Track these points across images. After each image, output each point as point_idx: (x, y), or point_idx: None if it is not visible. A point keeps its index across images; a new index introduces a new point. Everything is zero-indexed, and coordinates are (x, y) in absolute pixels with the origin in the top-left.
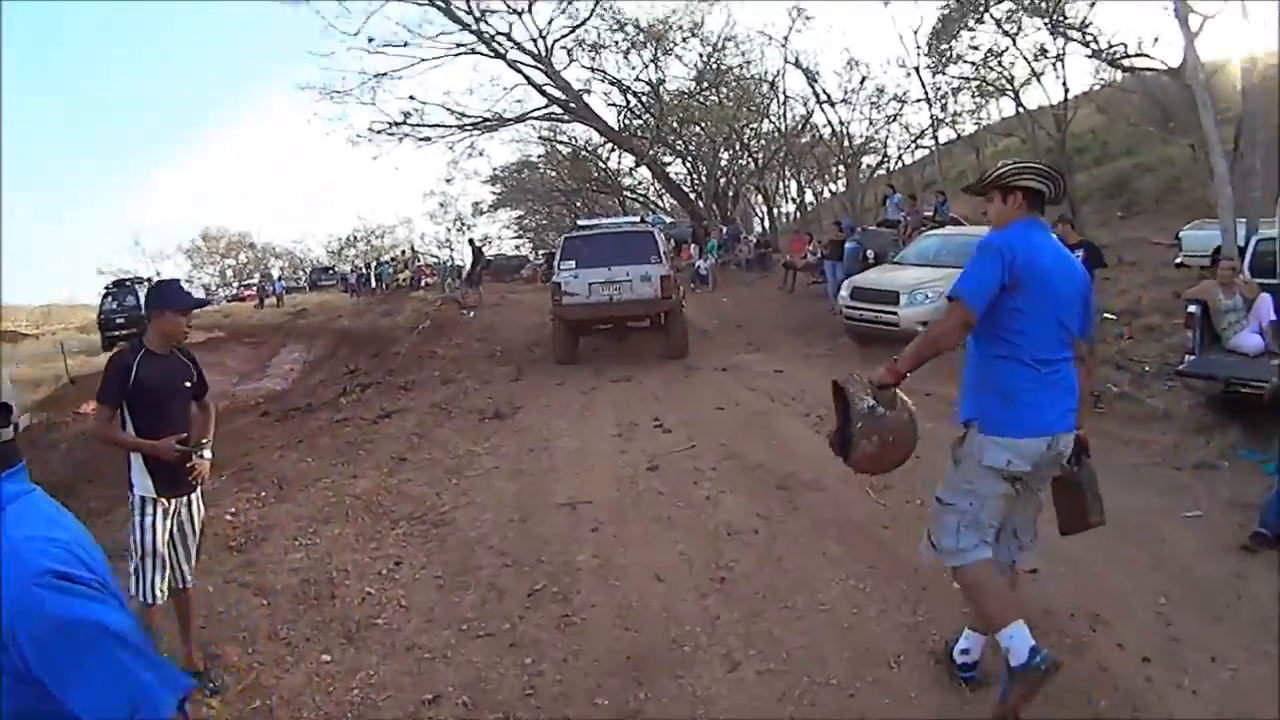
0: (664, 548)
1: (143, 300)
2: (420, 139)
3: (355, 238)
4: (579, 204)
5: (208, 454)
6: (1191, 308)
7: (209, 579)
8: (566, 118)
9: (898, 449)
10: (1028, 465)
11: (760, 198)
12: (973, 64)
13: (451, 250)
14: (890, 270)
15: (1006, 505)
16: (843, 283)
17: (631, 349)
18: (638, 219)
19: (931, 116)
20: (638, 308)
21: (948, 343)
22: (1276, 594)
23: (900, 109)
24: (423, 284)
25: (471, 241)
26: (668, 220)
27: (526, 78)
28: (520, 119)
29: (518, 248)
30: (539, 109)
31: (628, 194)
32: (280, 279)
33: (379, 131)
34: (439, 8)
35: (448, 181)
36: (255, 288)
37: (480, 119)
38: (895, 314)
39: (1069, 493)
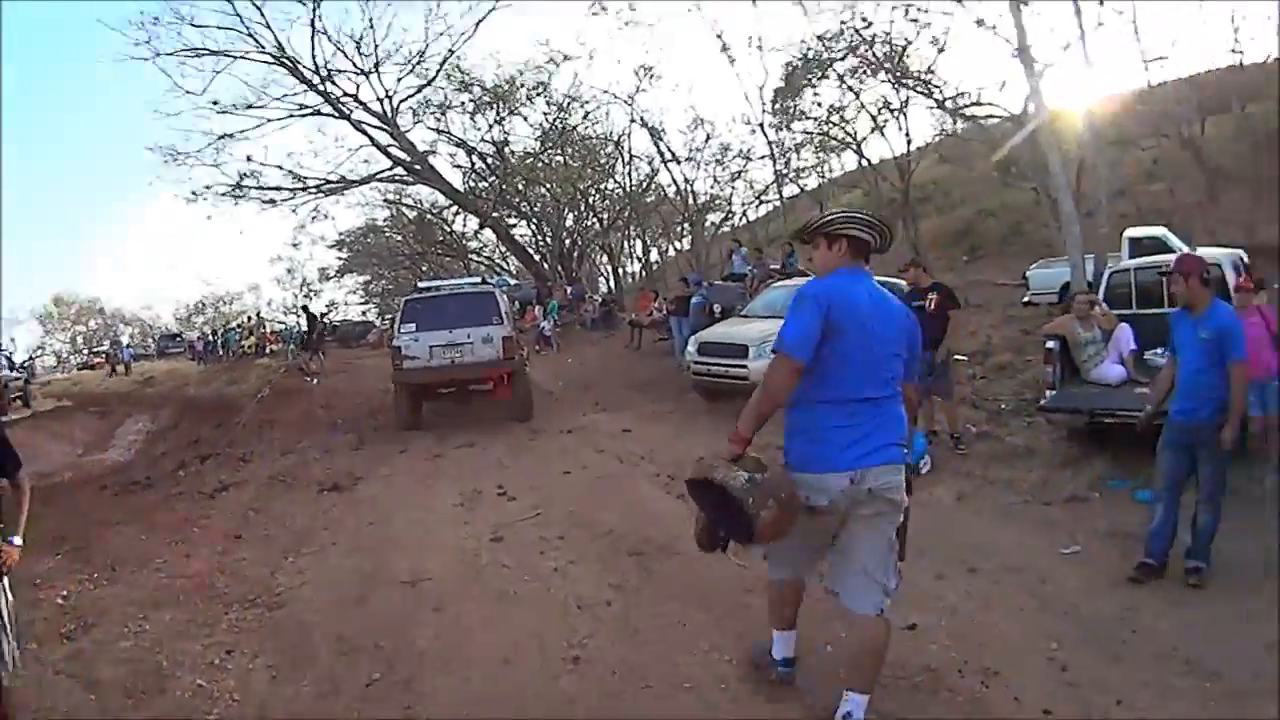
0: (512, 626)
1: None
2: (265, 201)
3: (204, 304)
4: (424, 268)
5: (16, 539)
6: (1050, 343)
7: (38, 670)
8: (411, 179)
9: (794, 503)
10: (824, 500)
11: (605, 257)
12: (816, 120)
13: (298, 316)
14: (737, 324)
15: (813, 535)
16: (689, 338)
17: (476, 413)
18: (479, 280)
19: (776, 172)
20: (480, 370)
21: (782, 395)
22: (1173, 625)
23: (745, 166)
24: (268, 350)
25: (305, 308)
26: (512, 282)
27: (371, 139)
28: (365, 181)
29: (364, 313)
30: (384, 171)
31: (473, 256)
32: (128, 346)
33: (223, 195)
34: (286, 67)
35: (294, 246)
36: (105, 355)
37: (324, 181)
38: (744, 367)
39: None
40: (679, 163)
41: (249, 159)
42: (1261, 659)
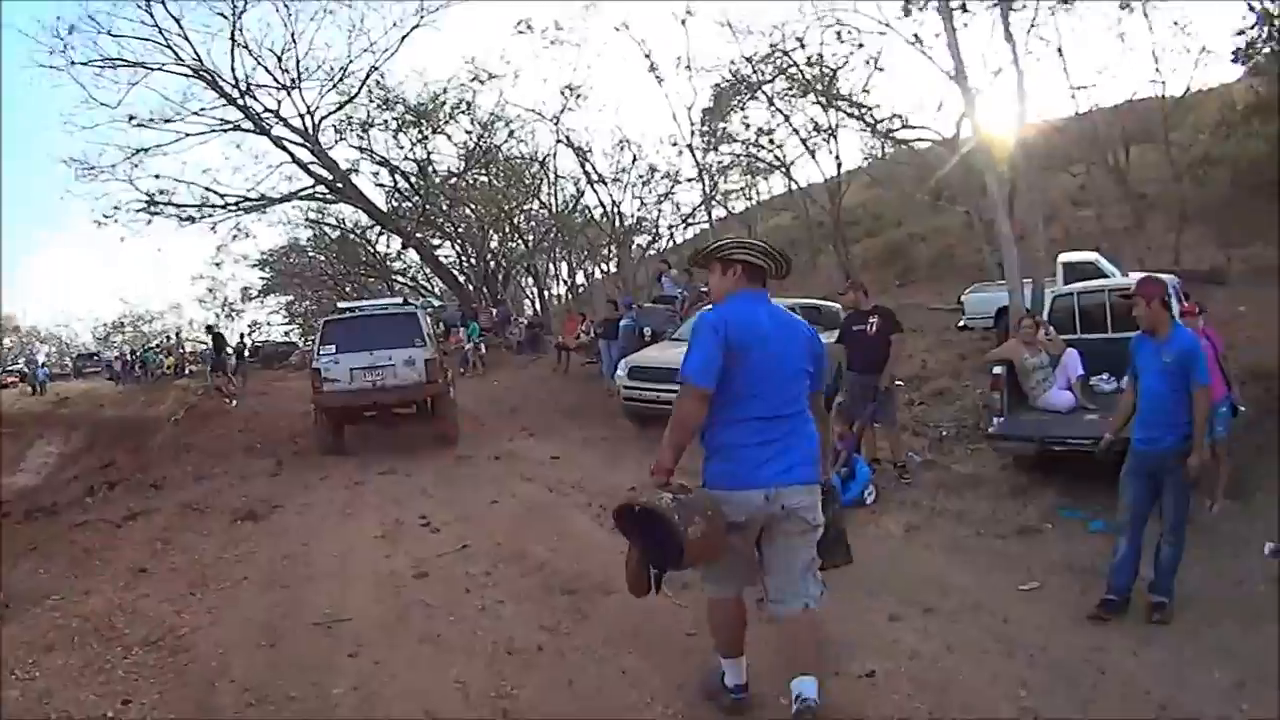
0: (435, 673)
1: None
2: (182, 219)
3: (122, 323)
4: (348, 288)
5: None
6: (997, 369)
7: None
8: (333, 198)
9: (718, 521)
10: (741, 516)
11: (531, 279)
12: (744, 142)
13: (207, 337)
14: (669, 348)
15: (744, 550)
16: (619, 362)
17: (401, 437)
18: (401, 300)
19: (704, 194)
20: (403, 393)
21: (693, 422)
22: (1141, 665)
23: (672, 188)
24: (188, 371)
25: (210, 328)
26: (436, 303)
27: (292, 156)
28: (285, 199)
29: (287, 334)
30: (305, 189)
31: (397, 278)
32: (43, 365)
33: (137, 212)
34: (205, 80)
35: (216, 265)
36: (19, 374)
37: (242, 198)
38: (676, 392)
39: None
40: (605, 184)
41: (156, 177)
42: (1234, 698)
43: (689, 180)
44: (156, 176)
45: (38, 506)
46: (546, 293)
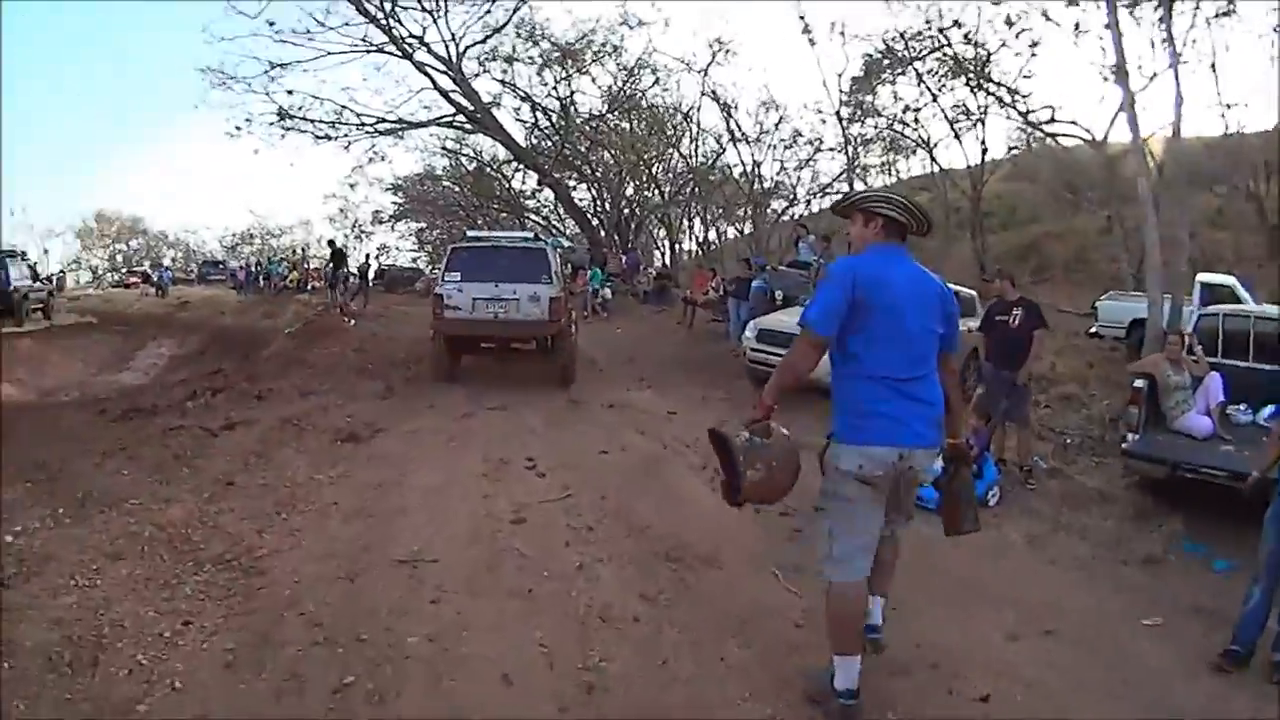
0: (519, 634)
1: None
2: (318, 136)
3: (251, 234)
4: (480, 221)
5: None
6: (1138, 382)
7: None
8: (471, 128)
9: (784, 472)
10: (880, 470)
11: (664, 230)
12: (890, 117)
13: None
14: (800, 313)
15: (873, 516)
16: (747, 323)
17: (515, 373)
18: (532, 235)
19: (847, 164)
20: (523, 329)
21: (802, 368)
22: None
23: (814, 155)
24: (310, 287)
25: (331, 243)
26: (566, 244)
27: (434, 82)
28: (422, 124)
29: (415, 260)
30: (444, 117)
31: (530, 216)
32: (167, 269)
33: (271, 124)
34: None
35: (350, 186)
36: (143, 275)
37: (379, 119)
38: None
39: (947, 500)
40: (748, 143)
41: (290, 93)
42: None
43: (830, 150)
44: (289, 92)
45: (136, 407)
46: (677, 246)
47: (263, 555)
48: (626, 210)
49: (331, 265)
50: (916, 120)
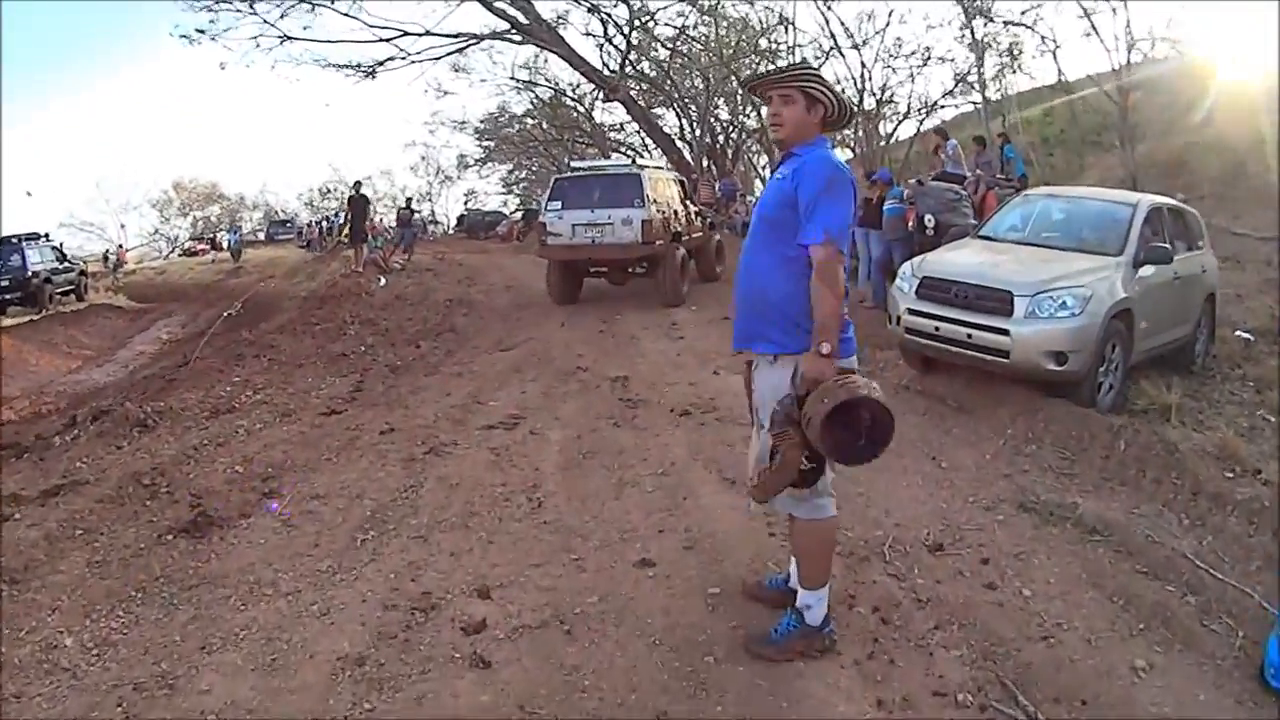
0: None
1: (31, 262)
2: (364, 71)
3: (328, 189)
4: (566, 158)
5: None
6: None
7: None
8: (519, 38)
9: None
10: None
11: (765, 157)
12: (1009, 23)
13: (431, 203)
14: (984, 252)
15: None
16: (881, 262)
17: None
18: (629, 162)
19: (976, 67)
20: (619, 251)
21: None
22: None
23: (924, 63)
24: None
25: (357, 185)
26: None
27: None
28: (474, 39)
29: (504, 203)
30: (501, 31)
31: (619, 148)
32: (236, 233)
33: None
34: None
35: (430, 132)
36: (210, 241)
37: (400, 33)
38: (1005, 333)
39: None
40: (858, 48)
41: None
42: None
43: (940, 60)
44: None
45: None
46: None
47: None
48: (721, 136)
49: (349, 216)
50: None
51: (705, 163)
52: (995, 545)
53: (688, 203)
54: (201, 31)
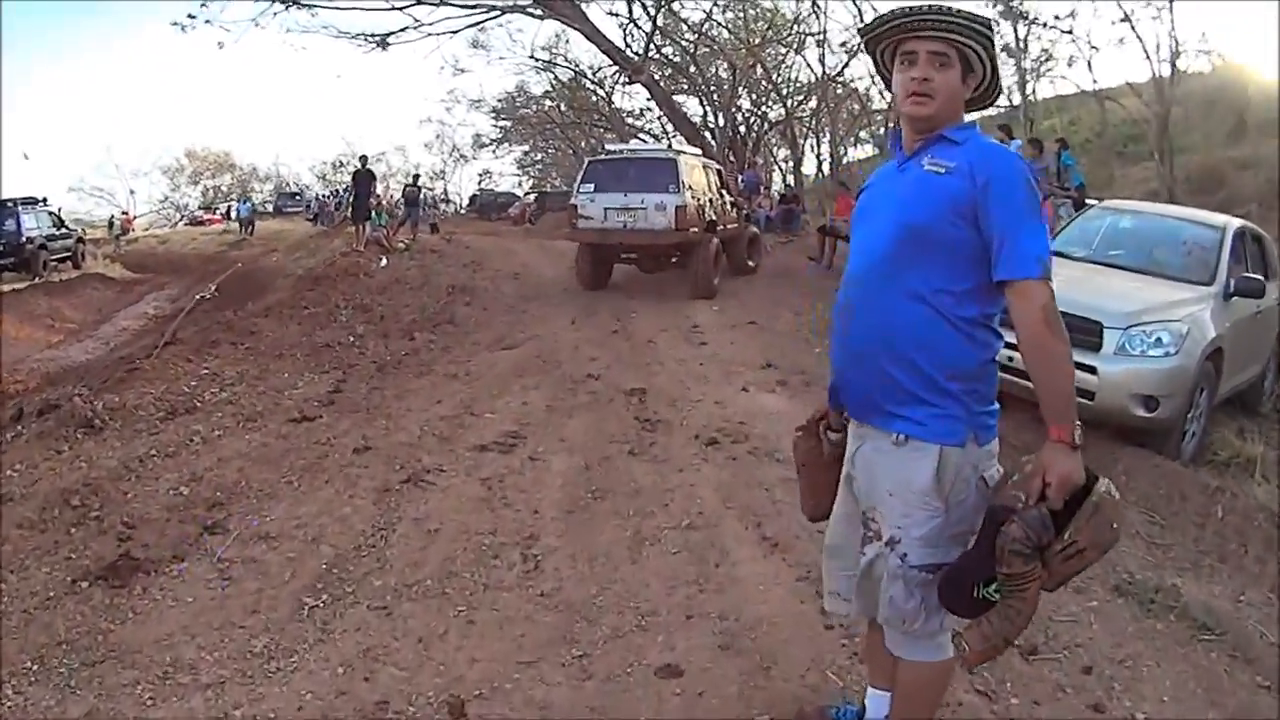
0: None
1: (26, 227)
2: (374, 40)
3: (341, 162)
4: (584, 142)
5: None
6: None
7: None
8: (540, 12)
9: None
10: None
11: (787, 149)
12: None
13: (445, 181)
14: (1059, 269)
15: None
16: None
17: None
18: (666, 146)
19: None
20: (651, 237)
21: None
22: None
23: None
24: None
25: (363, 159)
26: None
27: None
28: (485, 16)
29: (519, 183)
30: (517, 5)
31: (633, 132)
32: (247, 203)
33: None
34: None
35: (447, 110)
36: (223, 212)
37: (414, 1)
38: (1092, 370)
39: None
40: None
41: None
42: None
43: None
44: None
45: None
46: (801, 164)
47: None
48: (743, 126)
49: (353, 193)
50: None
51: (727, 153)
52: (1095, 647)
53: (723, 192)
54: (193, 17)
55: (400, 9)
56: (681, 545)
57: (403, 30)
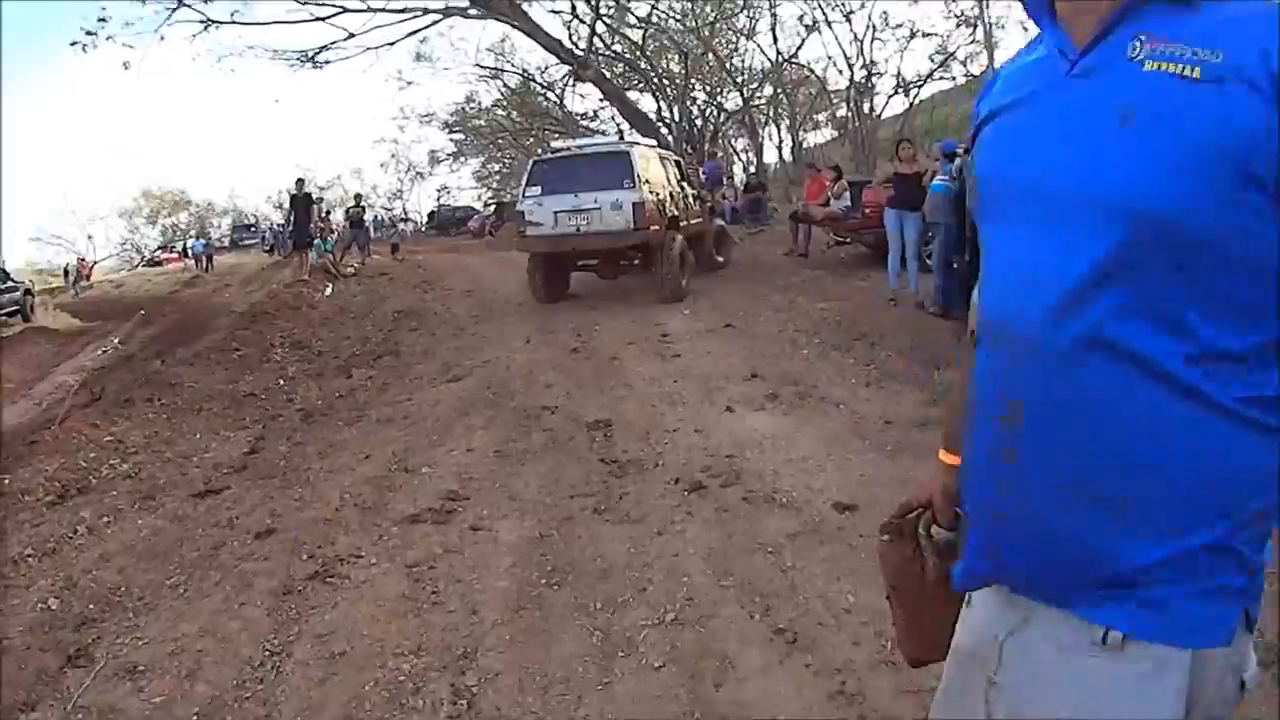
0: None
1: None
2: (305, 58)
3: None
4: (539, 148)
5: None
6: None
7: None
8: (476, 13)
9: None
10: None
11: (747, 138)
12: None
13: (403, 200)
14: None
15: None
16: (928, 255)
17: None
18: (616, 137)
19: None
20: (608, 239)
21: None
22: None
23: (910, 40)
24: (319, 240)
25: (300, 182)
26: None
27: None
28: (417, 19)
29: (479, 196)
30: (450, 8)
31: (589, 134)
32: (202, 241)
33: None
34: None
35: (400, 128)
36: (180, 251)
37: (339, 10)
38: None
39: None
40: (849, 18)
41: None
42: None
43: (926, 35)
44: None
45: None
46: (761, 156)
47: None
48: (699, 119)
49: (291, 217)
50: None
51: (685, 147)
52: None
53: (684, 184)
54: (92, 34)
55: (324, 20)
56: (666, 653)
57: (333, 44)
